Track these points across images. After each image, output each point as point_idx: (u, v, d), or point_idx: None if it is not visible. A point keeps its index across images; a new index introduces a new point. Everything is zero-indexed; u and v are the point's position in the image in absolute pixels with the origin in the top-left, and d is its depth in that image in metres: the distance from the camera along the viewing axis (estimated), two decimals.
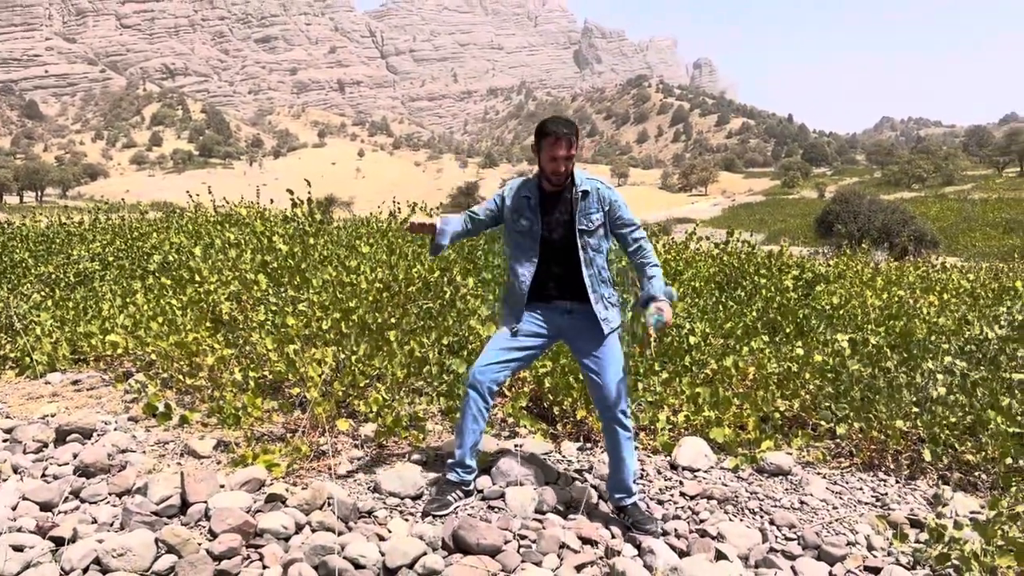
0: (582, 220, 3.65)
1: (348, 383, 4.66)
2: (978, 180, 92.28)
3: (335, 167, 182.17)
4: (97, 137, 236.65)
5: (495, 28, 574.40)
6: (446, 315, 5.52)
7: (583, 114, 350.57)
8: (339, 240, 7.56)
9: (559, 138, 3.58)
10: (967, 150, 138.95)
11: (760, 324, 6.60)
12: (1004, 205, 62.20)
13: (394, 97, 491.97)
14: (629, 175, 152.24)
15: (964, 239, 49.38)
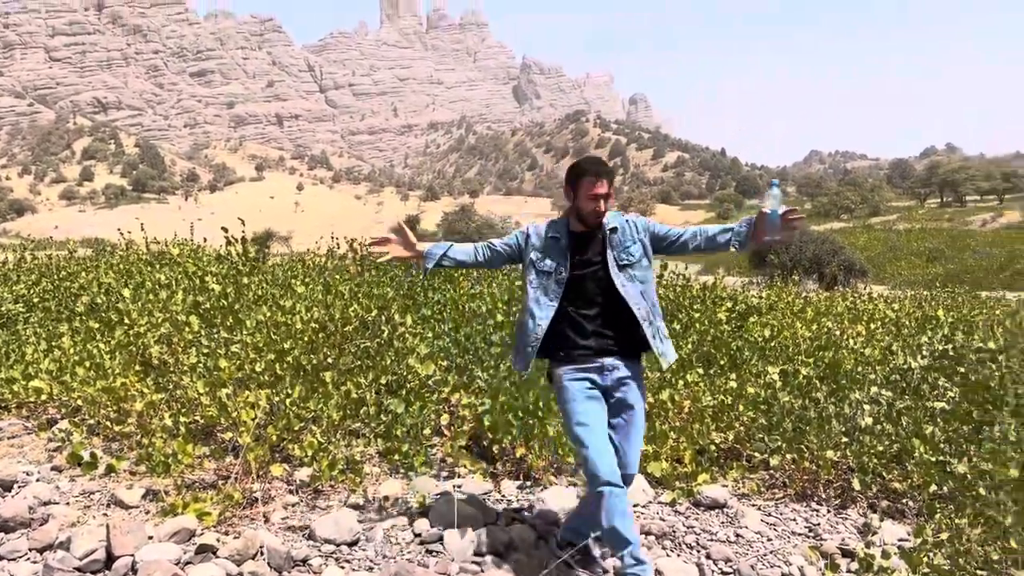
0: (621, 256, 3.54)
1: (282, 427, 4.57)
2: (902, 211, 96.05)
3: (273, 201, 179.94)
4: (24, 172, 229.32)
5: (435, 63, 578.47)
6: (384, 354, 5.48)
7: (523, 148, 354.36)
8: (274, 279, 7.45)
9: (600, 176, 3.50)
10: (891, 182, 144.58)
11: (695, 357, 6.71)
12: (927, 235, 64.72)
13: (333, 131, 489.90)
14: None
15: (891, 268, 51.17)
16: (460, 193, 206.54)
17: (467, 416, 5.03)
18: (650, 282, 3.58)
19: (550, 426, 4.82)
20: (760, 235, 3.44)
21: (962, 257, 52.07)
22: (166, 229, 22.56)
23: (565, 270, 3.55)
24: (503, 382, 5.29)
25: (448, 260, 3.77)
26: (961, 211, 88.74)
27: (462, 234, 59.87)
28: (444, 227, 61.12)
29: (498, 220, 64.80)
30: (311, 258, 10.05)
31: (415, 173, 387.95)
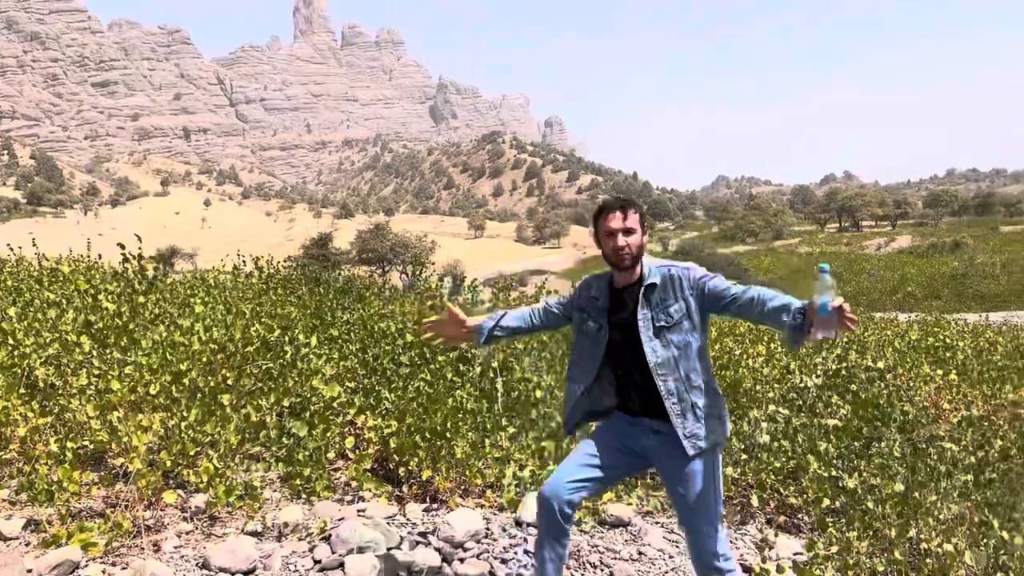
0: (659, 316, 3.07)
1: (177, 451, 4.39)
2: (803, 235, 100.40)
3: (179, 217, 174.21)
4: None
5: (349, 80, 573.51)
6: (287, 376, 5.33)
7: (439, 167, 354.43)
8: (174, 297, 7.18)
9: (612, 209, 3.16)
10: (793, 207, 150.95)
11: None
12: (827, 258, 67.84)
13: (244, 146, 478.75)
14: (485, 227, 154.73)
15: (793, 291, 53.33)
16: (375, 211, 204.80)
17: (373, 439, 4.95)
18: (690, 349, 3.08)
19: (458, 447, 4.79)
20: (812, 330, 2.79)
21: (859, 279, 54.79)
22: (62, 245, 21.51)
23: (605, 332, 3.18)
24: (410, 403, 5.23)
25: (501, 331, 3.44)
26: (858, 236, 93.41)
27: (376, 252, 59.23)
28: (357, 245, 60.29)
29: (414, 239, 64.36)
30: (214, 276, 9.74)
31: (329, 190, 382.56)
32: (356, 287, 11.28)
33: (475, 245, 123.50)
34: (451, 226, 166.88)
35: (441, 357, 6.37)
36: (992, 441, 5.25)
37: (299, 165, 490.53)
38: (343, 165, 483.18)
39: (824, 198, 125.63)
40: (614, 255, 3.14)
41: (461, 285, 13.65)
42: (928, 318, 23.08)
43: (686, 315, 3.06)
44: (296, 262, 13.93)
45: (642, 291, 3.11)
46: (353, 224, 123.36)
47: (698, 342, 3.08)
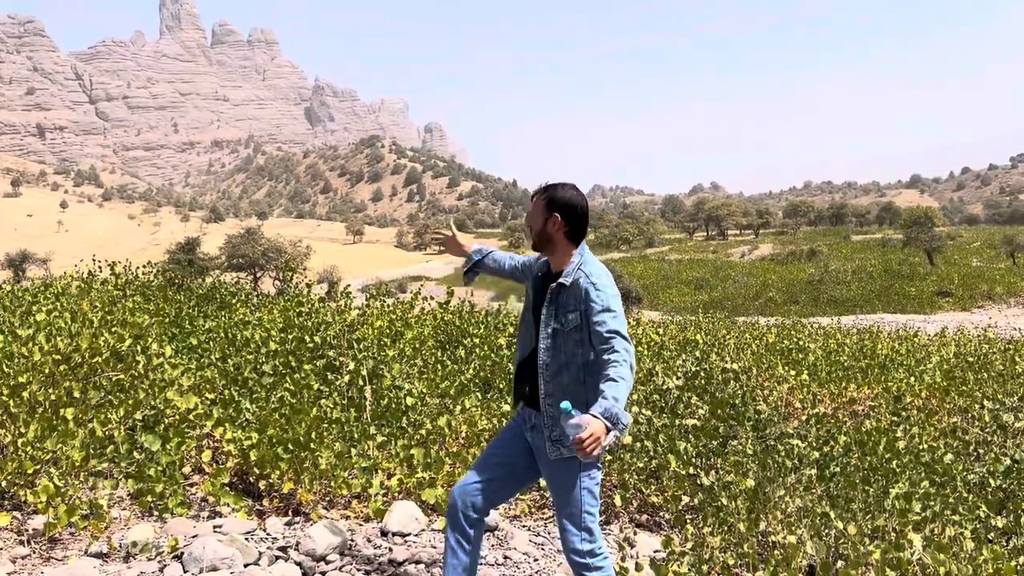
0: (558, 318, 3.08)
1: (13, 470, 4.07)
2: (673, 243, 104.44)
3: (32, 219, 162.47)
4: None
5: (220, 79, 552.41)
6: (138, 387, 5.05)
7: (316, 171, 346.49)
8: (15, 305, 6.67)
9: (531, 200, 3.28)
10: (664, 216, 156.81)
11: (475, 382, 6.82)
12: (695, 265, 70.82)
13: (104, 145, 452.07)
14: (365, 233, 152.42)
15: (663, 295, 55.34)
16: (247, 215, 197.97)
17: (232, 451, 4.75)
18: (577, 359, 3.08)
19: (322, 458, 4.67)
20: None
21: (724, 285, 57.45)
22: None
23: (530, 310, 3.28)
24: (273, 414, 5.07)
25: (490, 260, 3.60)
26: (724, 243, 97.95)
27: (247, 258, 57.17)
28: (227, 250, 57.90)
29: (288, 244, 62.50)
30: (63, 282, 9.13)
31: (197, 193, 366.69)
32: (221, 294, 10.86)
33: (354, 251, 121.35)
34: (328, 231, 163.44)
35: (308, 366, 6.21)
36: (836, 437, 5.60)
37: (165, 167, 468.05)
38: (213, 167, 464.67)
39: (693, 208, 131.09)
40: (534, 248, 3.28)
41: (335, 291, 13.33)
42: (786, 322, 24.49)
43: (579, 328, 3.05)
44: (159, 268, 13.25)
45: (552, 287, 3.13)
46: (223, 228, 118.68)
47: (587, 356, 3.06)
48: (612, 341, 2.94)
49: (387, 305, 9.83)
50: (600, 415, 2.77)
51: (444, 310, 9.92)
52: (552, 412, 3.07)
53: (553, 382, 3.08)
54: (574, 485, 3.08)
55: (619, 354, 2.91)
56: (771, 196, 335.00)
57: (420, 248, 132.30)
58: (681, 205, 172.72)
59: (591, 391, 3.04)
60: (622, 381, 2.85)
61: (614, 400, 2.80)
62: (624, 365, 2.89)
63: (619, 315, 3.03)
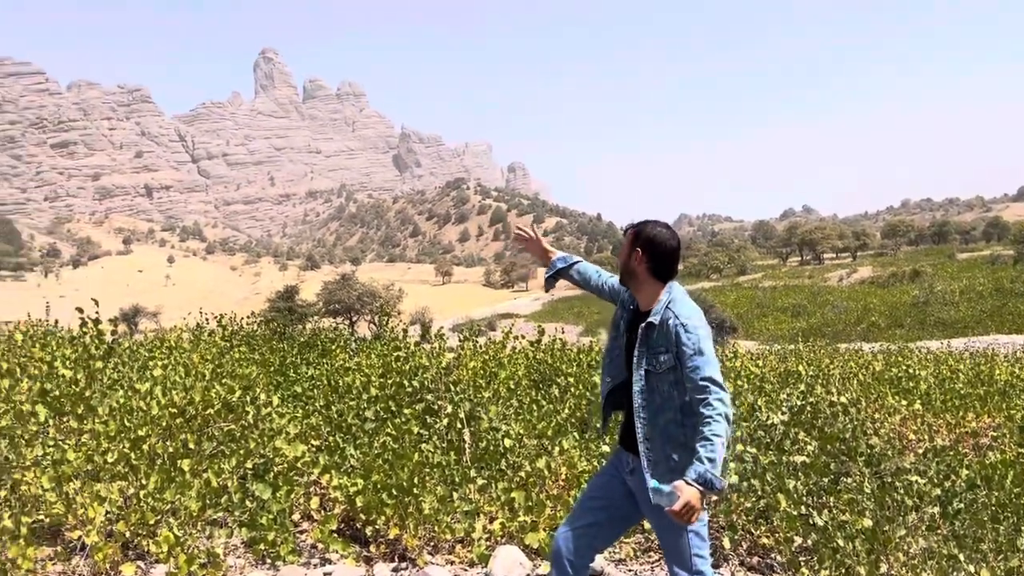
0: (650, 359, 3.01)
1: (136, 521, 4.26)
2: (766, 269, 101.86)
3: (142, 275, 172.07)
4: None
5: (312, 132, 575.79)
6: (248, 437, 5.23)
7: (405, 215, 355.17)
8: (132, 360, 7.05)
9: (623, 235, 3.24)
10: (755, 242, 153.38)
11: (572, 422, 6.77)
12: (790, 291, 68.77)
13: (207, 201, 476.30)
14: (453, 273, 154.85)
15: (759, 324, 53.87)
16: (341, 261, 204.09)
17: (339, 498, 4.86)
18: (674, 402, 2.99)
19: (425, 503, 4.71)
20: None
21: (823, 311, 55.50)
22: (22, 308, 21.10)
23: (622, 344, 3.22)
24: (376, 459, 5.16)
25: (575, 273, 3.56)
26: (820, 268, 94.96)
27: (343, 303, 58.78)
28: (324, 296, 59.77)
29: (381, 288, 64.03)
30: (174, 336, 9.59)
31: (294, 242, 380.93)
32: (321, 340, 11.18)
33: (443, 291, 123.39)
34: (418, 273, 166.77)
35: (407, 410, 6.30)
36: (957, 471, 5.30)
37: (263, 219, 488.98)
38: (308, 217, 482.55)
39: (785, 232, 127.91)
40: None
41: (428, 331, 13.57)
42: (892, 347, 23.43)
43: (673, 369, 2.96)
44: (261, 317, 13.79)
45: (642, 327, 3.05)
46: (319, 275, 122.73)
47: (683, 398, 2.96)
48: (706, 391, 2.85)
49: (479, 345, 9.90)
50: (693, 481, 2.72)
51: (536, 348, 9.93)
52: (651, 456, 3.01)
53: (650, 425, 3.01)
54: (681, 529, 3.00)
55: (713, 408, 2.82)
56: (867, 217, 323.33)
57: (507, 286, 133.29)
58: (772, 230, 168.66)
59: (691, 433, 2.94)
60: (717, 439, 2.78)
61: (708, 463, 2.74)
62: (720, 420, 2.81)
63: (711, 358, 2.93)
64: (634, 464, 3.11)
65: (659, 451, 2.99)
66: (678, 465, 2.93)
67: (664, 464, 2.98)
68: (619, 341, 3.25)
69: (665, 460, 2.98)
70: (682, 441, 2.96)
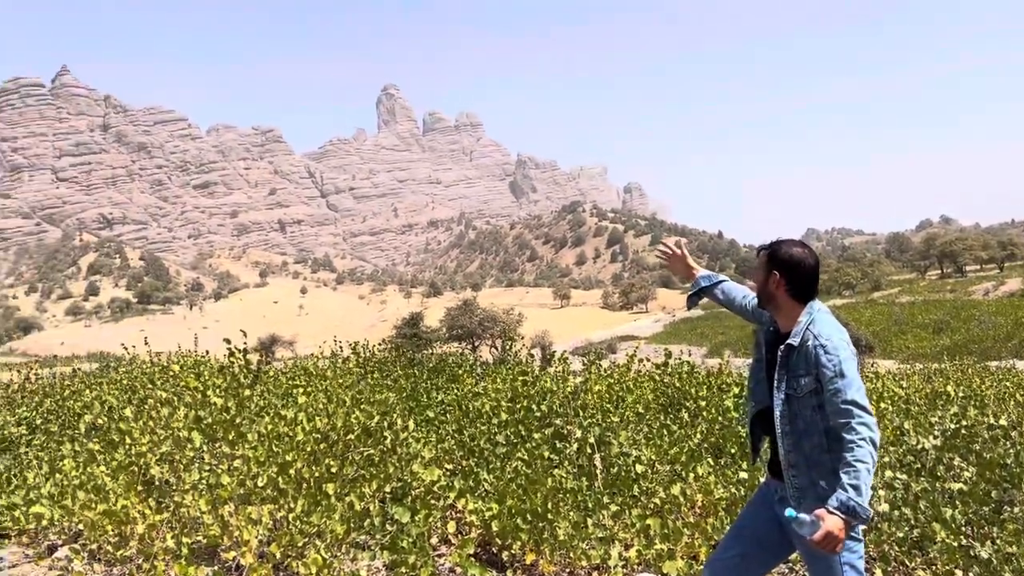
0: (790, 383, 2.92)
1: (286, 543, 4.47)
2: (903, 284, 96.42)
3: (277, 305, 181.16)
4: (31, 290, 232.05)
5: (432, 164, 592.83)
6: (387, 461, 5.40)
7: (522, 240, 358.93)
8: (277, 387, 7.43)
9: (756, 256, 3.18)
10: (889, 256, 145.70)
11: (704, 448, 6.61)
12: (931, 307, 64.75)
13: (335, 234, 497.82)
14: (571, 296, 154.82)
15: (897, 342, 50.92)
16: (462, 288, 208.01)
17: (474, 522, 4.93)
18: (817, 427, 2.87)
19: (560, 528, 4.71)
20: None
21: (968, 327, 51.88)
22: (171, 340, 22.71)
23: (763, 365, 3.15)
24: (509, 484, 5.20)
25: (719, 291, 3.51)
26: (963, 281, 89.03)
27: (465, 328, 59.82)
28: (447, 322, 61.08)
29: (501, 312, 64.78)
30: (312, 364, 10.03)
31: (417, 270, 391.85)
32: (448, 366, 11.42)
33: (562, 314, 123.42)
34: (537, 297, 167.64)
35: (537, 435, 6.33)
36: None
37: (388, 248, 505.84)
38: (430, 245, 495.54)
39: (922, 244, 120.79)
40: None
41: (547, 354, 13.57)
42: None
43: (814, 392, 2.87)
44: (390, 343, 14.24)
45: (781, 349, 2.97)
46: (442, 302, 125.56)
47: (827, 422, 2.85)
48: (849, 415, 2.74)
49: (603, 369, 9.84)
50: (836, 510, 2.63)
51: (663, 371, 9.77)
52: (797, 484, 2.91)
53: (795, 451, 2.91)
54: (834, 561, 2.87)
55: (857, 432, 2.71)
56: (1014, 225, 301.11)
57: (626, 308, 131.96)
58: (908, 243, 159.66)
59: (837, 459, 2.82)
60: (861, 466, 2.67)
61: (853, 490, 2.63)
62: (865, 446, 2.70)
63: (854, 380, 2.81)
64: (782, 492, 3.02)
65: (805, 479, 2.89)
66: (827, 493, 2.82)
67: (811, 491, 2.87)
68: (763, 364, 3.16)
69: (812, 487, 2.88)
70: (830, 468, 2.85)
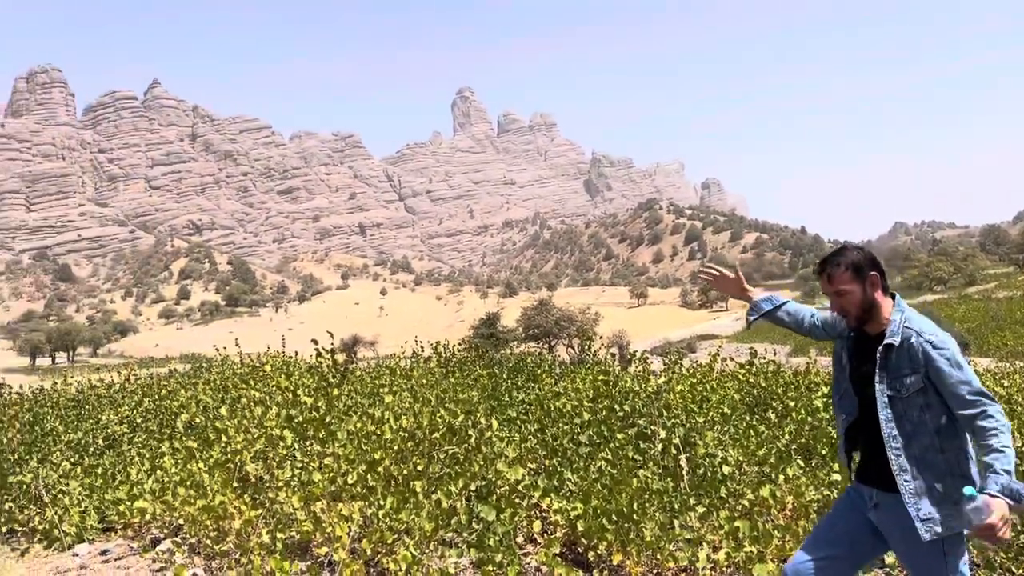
0: (892, 384, 2.85)
1: (376, 540, 4.56)
2: (1000, 278, 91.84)
3: (359, 307, 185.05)
4: (127, 294, 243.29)
5: (507, 165, 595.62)
6: (472, 460, 5.45)
7: (598, 239, 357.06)
8: (363, 388, 7.60)
9: (820, 275, 3.05)
10: (984, 249, 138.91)
11: (794, 448, 6.44)
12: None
13: (413, 236, 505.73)
14: (648, 295, 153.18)
15: (994, 339, 48.55)
16: (538, 287, 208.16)
17: (559, 521, 4.93)
18: (926, 427, 2.80)
19: (646, 529, 4.67)
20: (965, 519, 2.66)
21: None
22: (259, 341, 23.49)
23: (848, 373, 3.07)
24: (594, 484, 5.18)
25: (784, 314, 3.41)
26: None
27: (542, 328, 59.87)
28: (523, 322, 61.31)
29: (578, 312, 64.55)
30: (395, 363, 10.22)
31: (493, 271, 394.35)
32: (527, 365, 11.45)
33: (639, 313, 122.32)
34: (613, 296, 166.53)
35: (620, 435, 6.29)
36: None
37: (464, 250, 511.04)
38: (505, 246, 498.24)
39: (1020, 237, 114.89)
40: (842, 318, 3.04)
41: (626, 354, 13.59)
42: None
43: (922, 391, 2.80)
44: (468, 343, 14.38)
45: (880, 350, 2.89)
46: (518, 302, 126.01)
47: (938, 420, 2.79)
48: (979, 404, 2.68)
49: (685, 368, 9.70)
50: (1000, 494, 2.55)
51: (747, 371, 9.57)
52: (911, 489, 2.80)
53: (904, 455, 2.81)
54: (942, 567, 2.77)
55: (994, 419, 2.65)
56: None
57: (705, 306, 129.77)
58: (1005, 236, 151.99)
59: (953, 459, 2.77)
60: (1008, 451, 2.60)
61: (1007, 474, 2.56)
62: (1005, 431, 2.64)
63: (970, 371, 2.75)
64: (878, 499, 2.93)
65: (918, 482, 2.80)
66: (944, 496, 2.76)
67: (927, 496, 2.78)
68: (845, 374, 3.08)
69: (928, 492, 2.79)
70: (944, 469, 2.78)
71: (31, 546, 6.17)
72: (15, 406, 10.35)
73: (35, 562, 5.87)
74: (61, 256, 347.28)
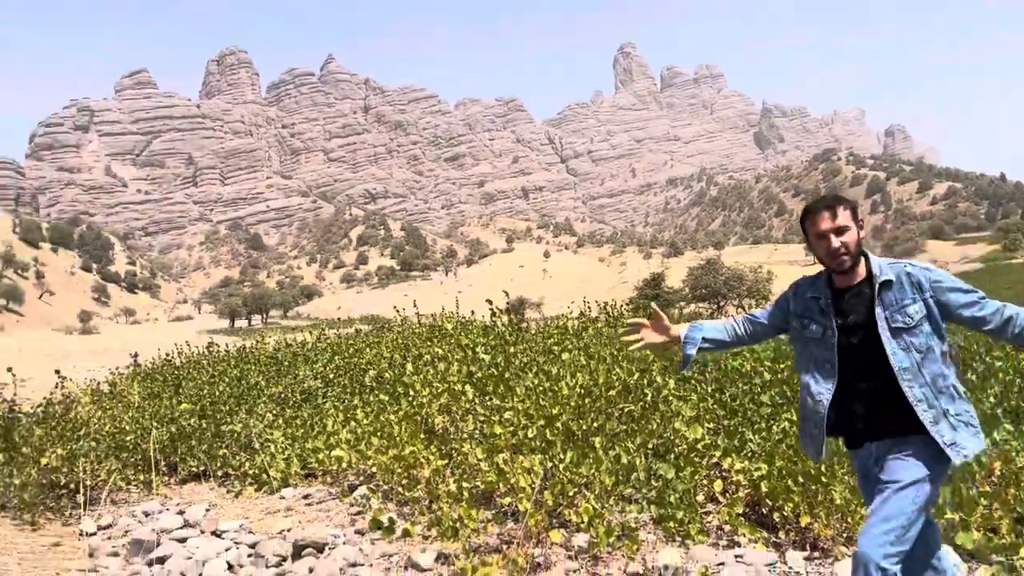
0: (895, 317, 2.92)
1: (557, 492, 4.68)
2: None
3: (523, 269, 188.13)
4: (311, 261, 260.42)
5: (670, 120, 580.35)
6: (649, 418, 5.45)
7: (769, 194, 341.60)
8: (536, 346, 7.75)
9: (818, 210, 3.02)
10: None
11: (1001, 411, 5.95)
12: None
13: (575, 198, 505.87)
14: None
15: None
16: (704, 247, 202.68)
17: (742, 482, 4.83)
18: (933, 353, 2.89)
19: (836, 492, 4.49)
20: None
21: None
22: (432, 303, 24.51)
23: (834, 334, 3.02)
24: (778, 445, 5.04)
25: (709, 343, 3.35)
26: None
27: (710, 288, 58.36)
28: (690, 282, 59.97)
29: (748, 271, 62.27)
30: (565, 322, 10.34)
31: (656, 231, 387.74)
32: None
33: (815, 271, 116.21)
34: (786, 254, 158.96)
35: None
36: None
37: (627, 210, 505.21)
38: (669, 205, 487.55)
39: None
40: (830, 258, 3.01)
41: None
42: None
43: (926, 317, 2.93)
44: (633, 304, 14.28)
45: (876, 289, 2.98)
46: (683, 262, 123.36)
47: (941, 346, 2.95)
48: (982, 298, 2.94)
49: None
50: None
51: None
52: (929, 417, 2.84)
53: (917, 384, 2.88)
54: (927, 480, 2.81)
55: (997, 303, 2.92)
56: None
57: None
58: None
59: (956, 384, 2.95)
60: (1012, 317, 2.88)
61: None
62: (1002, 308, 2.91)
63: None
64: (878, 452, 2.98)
65: (934, 409, 2.87)
66: (958, 419, 2.88)
67: (944, 421, 2.86)
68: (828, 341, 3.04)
69: (944, 416, 2.87)
70: (952, 393, 2.91)
71: (244, 488, 6.83)
72: (223, 363, 11.42)
73: (248, 503, 6.50)
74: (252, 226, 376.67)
